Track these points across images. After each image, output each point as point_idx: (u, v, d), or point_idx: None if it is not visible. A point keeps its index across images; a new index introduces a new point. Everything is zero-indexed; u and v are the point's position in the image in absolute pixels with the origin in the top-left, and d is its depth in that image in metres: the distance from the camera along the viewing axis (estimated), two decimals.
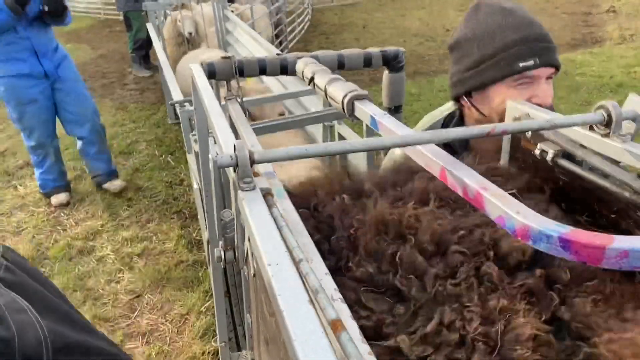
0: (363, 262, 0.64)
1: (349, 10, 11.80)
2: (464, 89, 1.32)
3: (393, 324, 0.57)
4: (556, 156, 0.83)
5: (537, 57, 1.20)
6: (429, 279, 0.60)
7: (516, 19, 1.24)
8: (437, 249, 0.63)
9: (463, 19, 1.35)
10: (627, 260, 0.45)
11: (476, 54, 1.26)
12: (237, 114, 1.15)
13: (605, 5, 9.42)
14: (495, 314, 0.56)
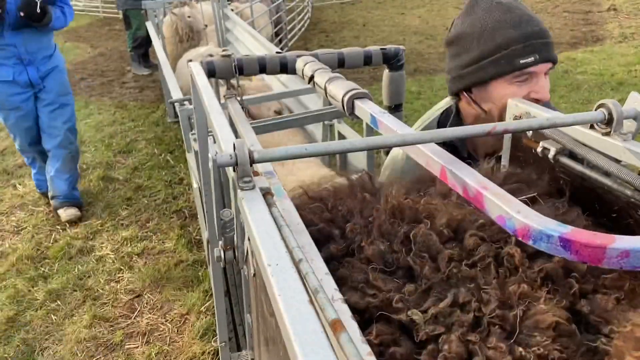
0: (375, 241, 0.63)
1: (349, 8, 11.79)
2: (464, 85, 1.33)
3: (402, 300, 0.56)
4: (558, 154, 0.83)
5: (537, 53, 1.22)
6: (442, 259, 0.59)
7: (515, 15, 1.25)
8: (454, 235, 0.62)
9: (461, 14, 1.36)
10: (628, 260, 0.44)
11: (476, 50, 1.27)
12: (236, 113, 1.15)
13: (605, 3, 9.41)
14: (514, 299, 0.54)
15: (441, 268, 0.59)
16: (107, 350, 2.78)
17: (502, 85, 1.26)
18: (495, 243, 0.60)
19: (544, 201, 0.73)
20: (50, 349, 2.80)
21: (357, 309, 0.56)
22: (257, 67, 1.28)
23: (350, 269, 0.62)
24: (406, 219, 0.65)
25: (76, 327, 2.92)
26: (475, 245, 0.60)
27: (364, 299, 0.56)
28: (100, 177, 4.60)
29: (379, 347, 0.52)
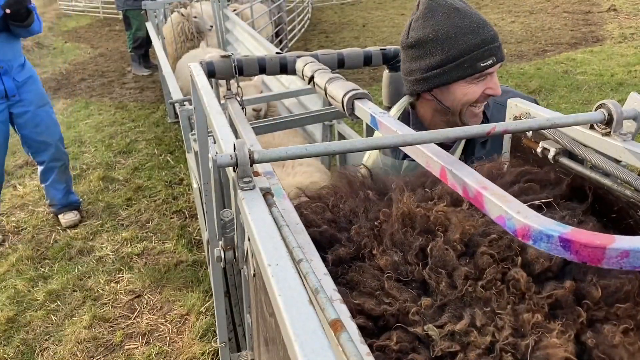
0: (388, 251, 0.63)
1: (349, 8, 11.80)
2: (428, 87, 1.44)
3: (418, 313, 0.56)
4: (557, 154, 0.83)
5: (494, 56, 1.38)
6: (458, 277, 0.59)
7: (473, 20, 1.38)
8: (466, 250, 0.62)
9: (417, 17, 1.44)
10: (627, 260, 0.44)
11: (440, 54, 1.38)
12: (236, 113, 1.15)
13: (605, 4, 9.42)
14: (527, 328, 0.54)
15: (457, 286, 0.59)
16: (107, 350, 2.78)
17: (462, 85, 1.40)
18: (503, 262, 0.60)
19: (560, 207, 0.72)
20: (50, 350, 2.80)
21: (372, 315, 0.57)
22: (257, 68, 1.28)
23: (361, 274, 0.63)
24: (417, 228, 0.65)
25: (76, 328, 2.92)
26: (487, 265, 0.60)
27: (380, 307, 0.57)
28: (100, 177, 4.60)
29: (397, 354, 0.53)
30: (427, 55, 1.40)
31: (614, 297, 0.58)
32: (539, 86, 5.91)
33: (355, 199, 0.77)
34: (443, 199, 0.70)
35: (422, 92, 1.47)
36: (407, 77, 1.49)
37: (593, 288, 0.57)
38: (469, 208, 0.67)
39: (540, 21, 8.93)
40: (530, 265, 0.59)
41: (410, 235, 0.64)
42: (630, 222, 0.73)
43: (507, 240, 0.62)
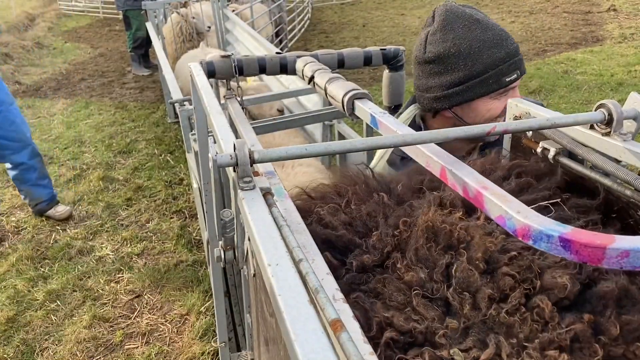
0: (413, 266, 0.63)
1: (349, 8, 11.80)
2: (449, 104, 1.36)
3: (445, 336, 0.56)
4: (558, 154, 0.83)
5: (518, 70, 1.32)
6: (482, 299, 0.58)
7: (495, 33, 1.31)
8: (486, 267, 0.61)
9: (436, 31, 1.35)
10: (628, 260, 0.44)
11: (464, 70, 1.31)
12: (236, 113, 1.15)
13: (605, 4, 9.42)
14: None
15: (481, 309, 0.58)
16: (106, 350, 2.78)
17: (486, 101, 1.33)
18: (524, 283, 0.59)
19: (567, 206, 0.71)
20: (50, 349, 2.80)
21: (402, 330, 0.57)
22: (257, 68, 1.28)
23: (386, 285, 0.63)
24: (441, 243, 0.65)
25: (76, 328, 2.92)
26: (510, 288, 0.59)
27: (409, 323, 0.57)
28: (100, 177, 4.60)
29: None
30: (448, 71, 1.33)
31: (634, 335, 0.55)
32: (539, 86, 5.91)
33: (370, 201, 0.76)
34: (457, 207, 0.69)
35: (442, 109, 1.39)
36: (425, 94, 1.40)
37: (612, 325, 0.55)
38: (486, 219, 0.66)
39: (540, 21, 8.93)
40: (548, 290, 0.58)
41: (435, 250, 0.64)
42: (630, 222, 0.73)
43: (527, 260, 0.60)
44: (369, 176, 0.83)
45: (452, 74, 1.32)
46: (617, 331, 0.54)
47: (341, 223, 0.72)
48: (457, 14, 1.32)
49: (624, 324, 0.55)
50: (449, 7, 1.35)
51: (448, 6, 1.35)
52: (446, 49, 1.31)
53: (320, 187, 0.82)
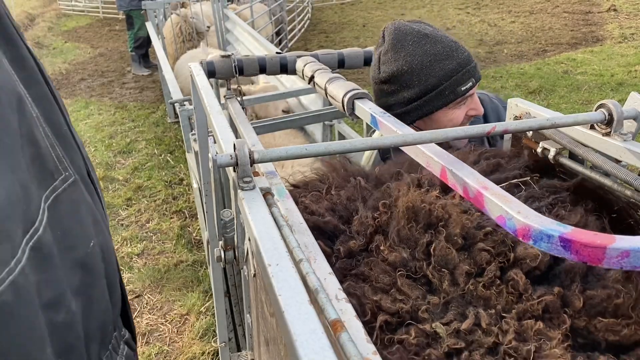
0: (395, 247, 0.66)
1: (349, 8, 11.80)
2: (410, 120, 1.39)
3: (427, 311, 0.59)
4: (558, 154, 0.83)
5: (473, 77, 1.34)
6: (460, 275, 0.62)
7: (445, 45, 1.33)
8: (464, 243, 0.65)
9: (385, 50, 1.37)
10: (628, 260, 0.44)
11: (418, 85, 1.33)
12: (237, 113, 1.15)
13: (605, 4, 9.42)
14: (530, 334, 0.56)
15: (459, 283, 0.61)
16: None
17: (445, 112, 1.36)
18: (498, 256, 0.62)
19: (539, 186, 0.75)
20: None
21: (390, 312, 0.60)
22: (257, 68, 1.28)
23: (372, 268, 0.65)
24: (421, 222, 0.68)
25: None
26: (485, 262, 0.62)
27: (396, 304, 0.60)
28: (100, 177, 4.60)
29: (415, 347, 0.57)
30: (403, 89, 1.35)
31: (597, 309, 0.58)
32: (539, 86, 5.91)
33: (348, 186, 0.79)
34: (433, 187, 0.73)
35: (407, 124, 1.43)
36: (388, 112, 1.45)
37: (576, 298, 0.58)
38: (461, 198, 0.69)
39: (540, 21, 8.93)
40: (520, 262, 0.62)
41: (415, 230, 0.67)
42: (630, 222, 0.73)
43: (501, 235, 0.64)
44: (347, 163, 0.87)
45: (408, 90, 1.35)
46: (580, 304, 0.58)
47: (325, 209, 0.75)
48: (405, 32, 1.35)
49: (587, 298, 0.58)
50: (397, 25, 1.38)
51: (396, 24, 1.38)
52: (399, 67, 1.34)
53: (303, 178, 0.86)
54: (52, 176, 0.64)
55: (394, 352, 0.55)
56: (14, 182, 0.55)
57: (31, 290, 0.56)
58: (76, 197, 0.67)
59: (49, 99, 0.70)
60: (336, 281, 0.53)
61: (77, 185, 0.68)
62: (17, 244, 0.55)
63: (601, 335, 0.56)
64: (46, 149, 0.64)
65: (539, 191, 0.74)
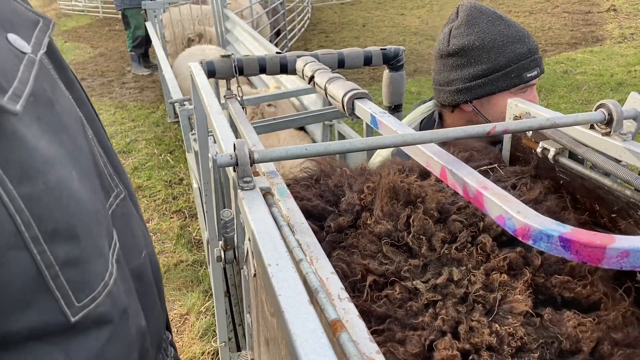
0: (380, 221, 0.75)
1: (349, 8, 11.80)
2: (471, 97, 1.37)
3: (409, 271, 0.69)
4: (557, 154, 0.83)
5: (538, 67, 1.33)
6: (436, 241, 0.71)
7: (518, 29, 1.34)
8: (440, 216, 0.74)
9: (460, 25, 1.38)
10: (628, 259, 0.44)
11: (487, 63, 1.32)
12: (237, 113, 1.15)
13: (605, 4, 9.42)
14: (496, 285, 0.66)
15: (436, 248, 0.71)
16: None
17: (505, 96, 1.33)
18: (470, 227, 0.72)
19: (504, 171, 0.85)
20: None
21: (377, 273, 0.69)
22: (257, 68, 1.28)
23: (359, 239, 0.74)
24: (401, 200, 0.77)
25: None
26: (458, 230, 0.72)
27: (382, 267, 0.70)
28: None
29: (399, 301, 0.66)
30: (471, 64, 1.34)
31: (553, 268, 0.67)
32: (539, 86, 5.90)
33: (335, 174, 0.88)
34: (413, 172, 0.83)
35: (462, 102, 1.40)
36: (445, 87, 1.41)
37: (535, 257, 0.68)
38: (437, 181, 0.80)
39: (540, 21, 8.93)
40: (489, 229, 0.72)
41: (397, 206, 0.76)
42: (630, 222, 0.73)
43: (473, 208, 0.74)
44: (334, 160, 0.95)
45: (475, 66, 1.34)
46: (539, 262, 0.67)
47: (314, 195, 0.84)
48: (481, 10, 1.36)
49: (545, 258, 0.68)
50: (473, 4, 1.38)
51: (472, 3, 1.39)
52: (470, 41, 1.34)
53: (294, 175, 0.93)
54: (108, 193, 0.68)
55: (381, 305, 0.65)
56: (97, 202, 0.59)
57: (124, 300, 0.61)
58: (127, 211, 0.72)
59: (95, 118, 0.73)
60: (338, 281, 0.53)
61: (126, 200, 0.73)
62: (108, 258, 0.60)
63: (557, 291, 0.65)
64: (102, 167, 0.68)
65: (503, 174, 0.84)
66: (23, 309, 0.50)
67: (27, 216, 0.49)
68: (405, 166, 0.84)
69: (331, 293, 0.51)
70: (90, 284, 0.56)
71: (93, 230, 0.57)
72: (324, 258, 0.57)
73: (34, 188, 0.49)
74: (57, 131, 0.55)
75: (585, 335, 0.60)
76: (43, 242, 0.50)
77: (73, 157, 0.57)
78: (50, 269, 0.51)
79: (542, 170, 0.89)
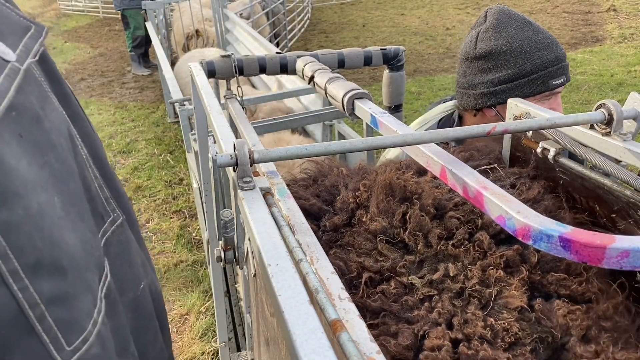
0: (375, 218, 0.75)
1: (349, 8, 11.80)
2: (495, 101, 1.36)
3: (405, 267, 0.70)
4: (557, 154, 0.83)
5: (564, 75, 1.33)
6: (433, 237, 0.71)
7: (546, 36, 1.33)
8: (436, 212, 0.74)
9: (488, 29, 1.37)
10: (627, 260, 0.44)
11: (513, 68, 1.32)
12: (237, 113, 1.15)
13: (605, 4, 9.42)
14: (492, 280, 0.67)
15: (432, 245, 0.71)
16: None
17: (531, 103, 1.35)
18: (468, 223, 0.72)
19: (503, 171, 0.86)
20: None
21: (372, 270, 0.70)
22: (257, 68, 1.28)
23: (355, 237, 0.74)
24: (397, 196, 0.77)
25: None
26: (455, 227, 0.72)
27: (378, 263, 0.70)
28: None
29: (395, 296, 0.67)
30: (497, 68, 1.34)
31: (550, 265, 0.68)
32: None
33: (331, 174, 0.88)
34: (410, 168, 0.83)
35: (486, 107, 1.39)
36: (470, 91, 1.41)
37: (532, 254, 0.69)
38: (434, 177, 0.79)
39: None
40: (488, 227, 0.72)
41: (393, 203, 0.76)
42: (630, 222, 0.73)
43: (470, 205, 0.73)
44: (332, 160, 0.95)
45: (501, 71, 1.34)
46: (535, 260, 0.68)
47: (311, 195, 0.84)
48: (510, 15, 1.35)
49: (542, 256, 0.68)
50: (502, 8, 1.38)
51: (501, 7, 1.38)
52: (498, 45, 1.33)
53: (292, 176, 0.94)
54: (102, 218, 0.62)
55: (377, 299, 0.66)
56: (85, 230, 0.54)
57: (110, 339, 0.55)
58: (124, 238, 0.66)
59: (93, 136, 0.67)
60: (338, 281, 0.53)
61: (124, 226, 0.67)
62: (96, 293, 0.53)
63: (553, 289, 0.66)
64: (95, 191, 0.62)
65: (503, 174, 0.85)
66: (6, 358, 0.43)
67: (4, 246, 0.42)
68: (402, 164, 0.85)
69: (331, 293, 0.51)
70: (80, 323, 0.49)
71: (80, 262, 0.50)
72: (324, 258, 0.57)
73: (12, 214, 0.43)
74: (42, 150, 0.49)
75: (575, 323, 0.61)
76: (24, 277, 0.43)
77: (59, 180, 0.51)
78: (34, 308, 0.44)
79: (542, 171, 0.89)
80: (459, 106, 1.49)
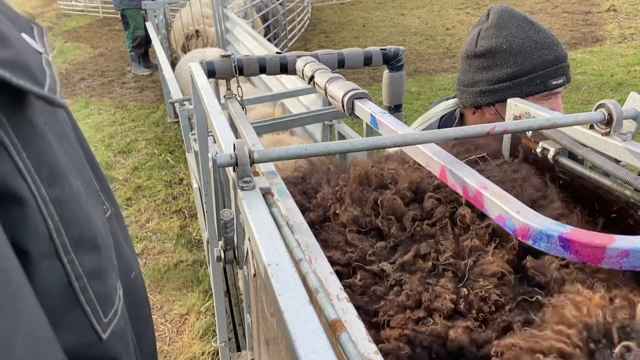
0: (348, 208, 0.74)
1: (349, 8, 11.79)
2: (494, 99, 1.36)
3: (374, 254, 0.68)
4: (557, 154, 0.83)
5: (565, 75, 1.33)
6: (407, 220, 0.70)
7: (547, 36, 1.33)
8: (415, 196, 0.73)
9: (489, 27, 1.37)
10: (627, 259, 0.44)
11: (513, 67, 1.32)
12: (237, 113, 1.15)
13: (605, 4, 9.42)
14: (467, 251, 0.65)
15: (407, 227, 0.69)
16: None
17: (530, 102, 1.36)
18: (450, 204, 0.71)
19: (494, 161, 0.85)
20: None
21: (340, 263, 0.68)
22: (257, 68, 1.28)
23: (329, 232, 0.73)
24: (373, 185, 0.75)
25: None
26: (433, 206, 0.70)
27: (345, 255, 0.68)
28: None
29: (362, 288, 0.65)
30: (497, 66, 1.33)
31: None
32: None
33: (318, 172, 0.89)
34: (392, 160, 0.82)
35: (485, 105, 1.39)
36: (469, 88, 1.40)
37: None
38: (415, 165, 0.78)
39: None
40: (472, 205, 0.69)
41: (367, 192, 0.75)
42: (630, 222, 0.73)
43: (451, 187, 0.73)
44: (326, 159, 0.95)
45: (500, 69, 1.33)
46: None
47: (298, 192, 0.84)
48: (512, 14, 1.35)
49: None
50: (505, 7, 1.38)
51: (504, 6, 1.38)
52: (498, 44, 1.33)
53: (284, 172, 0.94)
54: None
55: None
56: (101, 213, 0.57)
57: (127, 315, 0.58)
58: (114, 230, 0.67)
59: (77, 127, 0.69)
60: (337, 281, 0.54)
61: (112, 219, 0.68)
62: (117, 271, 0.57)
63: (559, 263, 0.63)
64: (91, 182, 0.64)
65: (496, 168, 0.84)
66: (54, 330, 0.43)
67: (57, 221, 0.45)
68: (383, 157, 0.85)
69: (330, 293, 0.51)
70: (112, 297, 0.53)
71: (107, 241, 0.54)
72: (322, 258, 0.57)
73: (62, 192, 0.46)
74: (61, 139, 0.52)
75: (571, 277, 0.61)
76: (71, 251, 0.46)
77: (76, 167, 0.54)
78: (79, 280, 0.47)
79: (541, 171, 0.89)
80: (460, 104, 1.49)
